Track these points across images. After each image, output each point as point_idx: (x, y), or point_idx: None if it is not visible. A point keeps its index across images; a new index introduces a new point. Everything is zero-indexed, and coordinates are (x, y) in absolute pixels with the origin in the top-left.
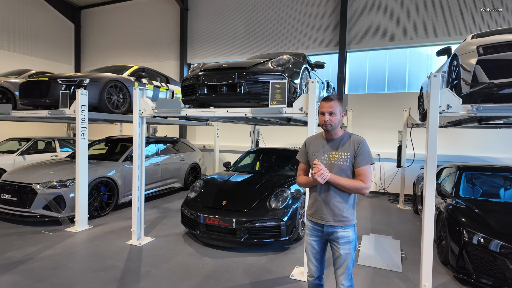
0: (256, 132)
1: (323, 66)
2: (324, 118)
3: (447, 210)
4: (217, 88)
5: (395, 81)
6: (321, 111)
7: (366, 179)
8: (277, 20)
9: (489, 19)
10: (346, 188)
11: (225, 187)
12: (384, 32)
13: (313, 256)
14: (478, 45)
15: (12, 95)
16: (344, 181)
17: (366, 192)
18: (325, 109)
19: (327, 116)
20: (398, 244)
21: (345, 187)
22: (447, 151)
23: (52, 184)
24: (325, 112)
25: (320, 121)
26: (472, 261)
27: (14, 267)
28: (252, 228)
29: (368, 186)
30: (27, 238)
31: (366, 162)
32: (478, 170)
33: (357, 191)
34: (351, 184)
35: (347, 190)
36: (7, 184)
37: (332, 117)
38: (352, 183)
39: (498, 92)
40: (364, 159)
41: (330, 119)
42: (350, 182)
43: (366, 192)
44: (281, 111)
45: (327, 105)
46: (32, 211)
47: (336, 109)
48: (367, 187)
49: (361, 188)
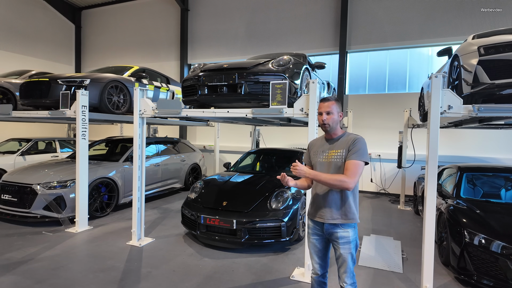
0: (256, 133)
1: (323, 67)
2: (322, 117)
3: (448, 211)
4: (217, 89)
5: (395, 82)
6: (319, 111)
7: (350, 173)
8: (278, 21)
9: (490, 19)
10: (326, 183)
11: (225, 188)
12: (385, 33)
13: (315, 254)
14: (479, 46)
15: (12, 95)
16: (325, 176)
17: (349, 185)
18: (322, 109)
19: (325, 115)
20: (399, 245)
21: (326, 183)
22: (448, 151)
23: (53, 185)
24: (323, 112)
25: (319, 122)
26: (473, 262)
27: (14, 267)
28: (252, 229)
29: (351, 180)
30: (27, 238)
31: (355, 157)
32: (479, 170)
33: (338, 184)
34: (331, 177)
35: (328, 186)
36: (8, 185)
37: (329, 116)
38: (332, 176)
39: (499, 93)
40: (354, 153)
41: (328, 118)
42: (330, 176)
43: (349, 186)
44: (282, 112)
45: (324, 105)
46: (33, 212)
47: (333, 109)
48: (348, 180)
49: (341, 181)
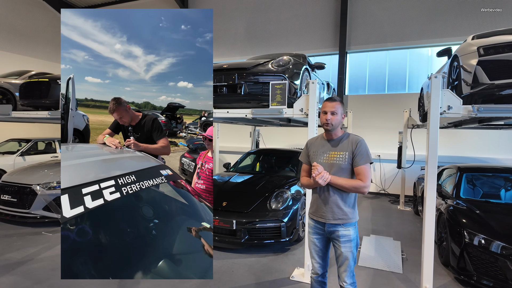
0: (256, 133)
1: (323, 67)
2: (326, 117)
3: (448, 211)
4: (217, 89)
5: (395, 82)
6: (323, 110)
7: (365, 178)
8: (278, 21)
9: (490, 20)
10: (345, 188)
11: (225, 188)
12: (384, 33)
13: (316, 253)
14: (479, 46)
15: (12, 96)
16: (343, 181)
17: (366, 191)
18: (327, 109)
19: (329, 115)
20: (398, 245)
21: (344, 187)
22: (448, 152)
23: (52, 185)
24: (328, 111)
25: (322, 120)
26: (473, 262)
27: (13, 268)
28: (252, 229)
29: (367, 185)
30: (27, 239)
31: (365, 161)
32: (478, 171)
33: (356, 190)
34: (350, 183)
35: (346, 190)
36: (7, 185)
37: (333, 116)
38: (351, 182)
39: (499, 93)
40: (362, 158)
41: (332, 118)
42: (349, 182)
43: (366, 191)
44: (282, 112)
45: (330, 105)
46: (32, 212)
47: (338, 110)
48: (365, 185)
49: (360, 187)
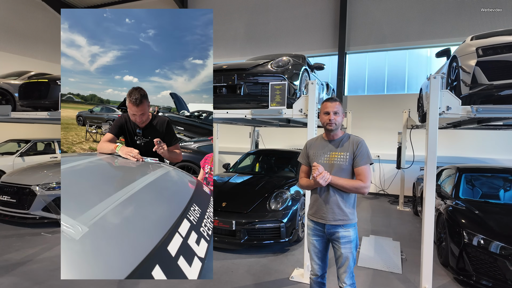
0: (255, 134)
1: (322, 68)
2: (329, 117)
3: (447, 212)
4: (216, 90)
5: (394, 83)
6: (325, 110)
7: (365, 179)
8: (277, 22)
9: (489, 20)
10: (345, 188)
11: (224, 189)
12: (384, 34)
13: (315, 255)
14: (478, 47)
15: (11, 96)
16: (344, 182)
17: (366, 191)
18: (329, 109)
19: (332, 115)
20: (398, 246)
21: (345, 188)
22: (447, 152)
23: (51, 186)
24: (330, 111)
25: (324, 121)
26: (472, 262)
27: (13, 269)
28: (251, 230)
29: (367, 185)
30: (26, 240)
31: (365, 162)
32: (477, 171)
33: (356, 191)
34: (351, 184)
35: (347, 190)
36: (6, 186)
37: (336, 116)
38: (352, 183)
39: (498, 94)
40: (363, 159)
41: (335, 118)
42: (349, 182)
43: (366, 191)
44: (281, 113)
45: (332, 105)
46: (31, 213)
47: (339, 110)
48: (366, 186)
49: (361, 188)
